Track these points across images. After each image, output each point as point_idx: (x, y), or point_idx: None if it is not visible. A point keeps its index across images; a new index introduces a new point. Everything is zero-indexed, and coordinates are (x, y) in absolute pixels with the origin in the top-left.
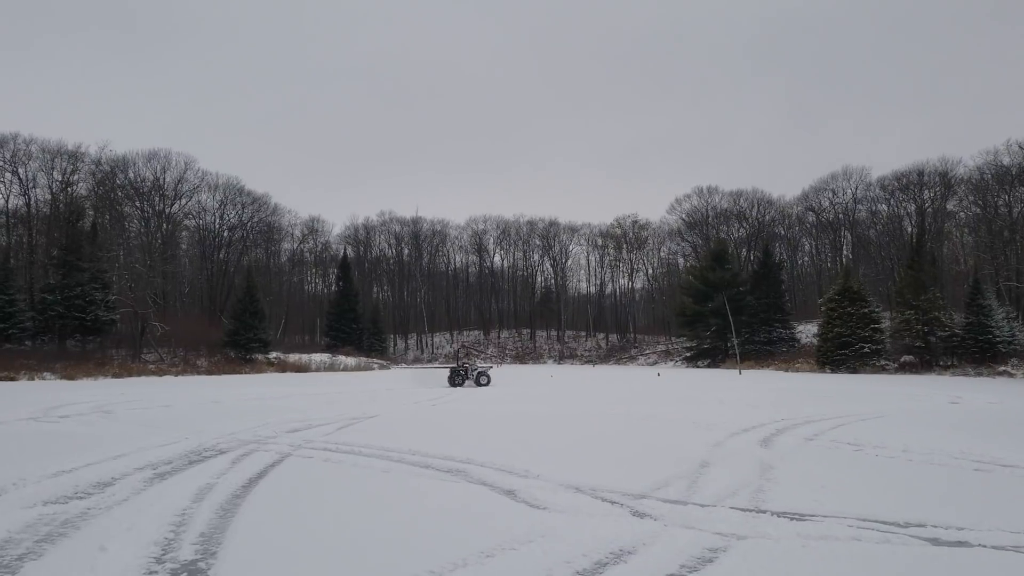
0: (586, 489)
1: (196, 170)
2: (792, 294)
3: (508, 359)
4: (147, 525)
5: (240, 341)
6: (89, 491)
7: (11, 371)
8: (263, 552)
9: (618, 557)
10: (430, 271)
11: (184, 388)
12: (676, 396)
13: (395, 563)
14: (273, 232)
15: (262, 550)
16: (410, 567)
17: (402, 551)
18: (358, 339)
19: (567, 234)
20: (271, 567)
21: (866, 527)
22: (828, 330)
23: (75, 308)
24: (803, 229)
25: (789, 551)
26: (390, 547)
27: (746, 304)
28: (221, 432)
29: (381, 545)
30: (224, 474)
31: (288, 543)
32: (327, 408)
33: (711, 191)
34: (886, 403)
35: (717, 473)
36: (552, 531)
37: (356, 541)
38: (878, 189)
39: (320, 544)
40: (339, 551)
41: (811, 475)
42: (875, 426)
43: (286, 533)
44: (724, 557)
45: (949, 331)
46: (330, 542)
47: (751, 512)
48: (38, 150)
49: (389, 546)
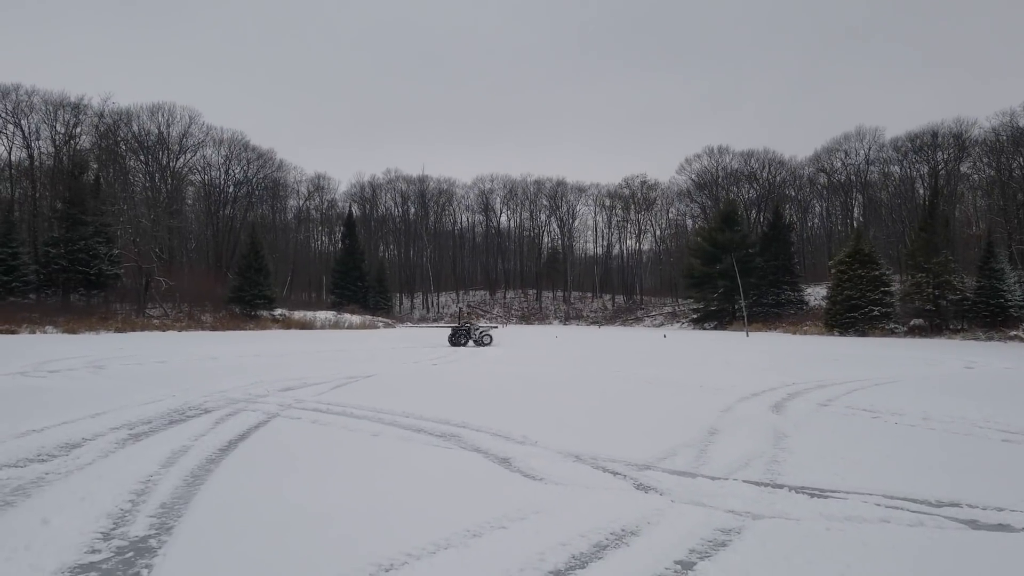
0: (586, 458)
1: (201, 124)
2: (801, 256)
3: (514, 319)
4: (104, 494)
5: (245, 298)
6: (53, 453)
7: (13, 324)
8: (223, 528)
9: (619, 539)
10: (436, 230)
11: (184, 344)
12: (682, 358)
13: (367, 544)
14: (279, 189)
15: (223, 525)
16: (385, 549)
17: (378, 529)
18: (363, 297)
19: (575, 194)
20: (226, 546)
21: (895, 506)
22: (837, 293)
23: (79, 262)
24: (814, 191)
25: (812, 534)
26: (364, 524)
27: (755, 266)
28: (211, 390)
29: (354, 521)
30: (203, 436)
31: (252, 517)
32: (325, 366)
33: (722, 151)
34: (899, 367)
35: (727, 441)
36: (547, 506)
37: (326, 516)
38: (891, 150)
39: (285, 519)
40: (303, 528)
41: (828, 445)
42: (890, 391)
43: (253, 506)
44: (739, 541)
45: (960, 295)
46: (297, 517)
47: (766, 487)
48: (40, 102)
49: (363, 523)
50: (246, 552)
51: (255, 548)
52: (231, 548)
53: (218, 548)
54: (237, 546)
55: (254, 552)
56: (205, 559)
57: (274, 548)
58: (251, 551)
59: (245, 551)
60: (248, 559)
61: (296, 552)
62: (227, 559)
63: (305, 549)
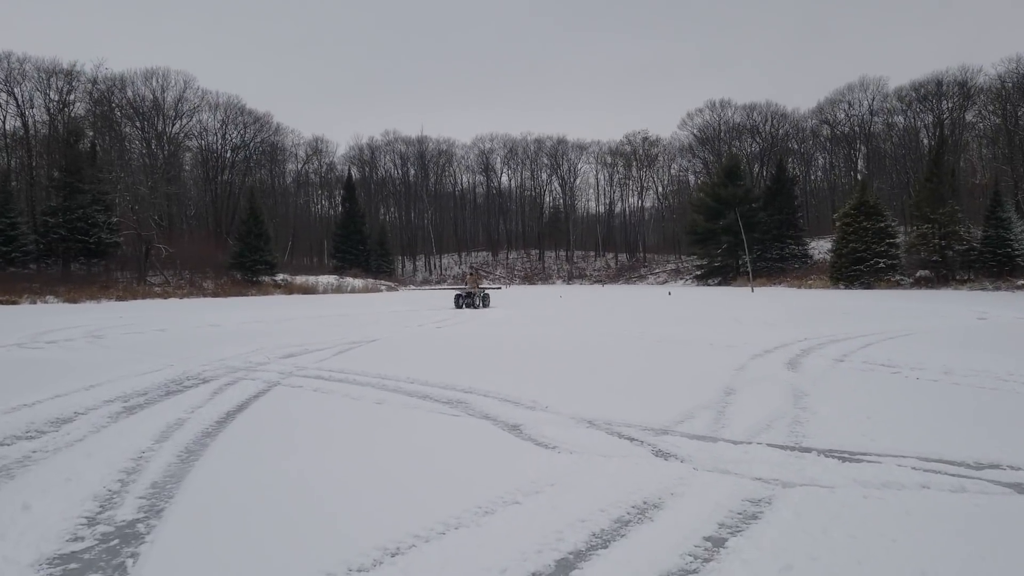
0: (600, 423)
1: (196, 89)
2: (805, 210)
3: (516, 280)
4: (92, 473)
5: (246, 263)
6: (43, 429)
7: (13, 295)
8: (215, 510)
9: (642, 513)
10: (437, 192)
11: (185, 311)
12: (689, 315)
13: (372, 525)
14: (277, 153)
15: (214, 507)
16: (391, 531)
17: (384, 508)
18: (365, 261)
19: (575, 152)
20: (218, 530)
21: (932, 470)
22: (843, 245)
23: (78, 231)
24: (817, 143)
25: (849, 504)
26: (368, 503)
27: (758, 220)
28: (210, 358)
29: (357, 501)
30: (200, 407)
31: (246, 498)
32: (327, 331)
33: (724, 105)
34: (910, 320)
35: (745, 401)
36: (563, 478)
37: (327, 495)
38: (895, 100)
39: (282, 499)
40: (302, 509)
41: (851, 403)
42: (905, 345)
43: (248, 484)
44: (771, 512)
45: (967, 245)
46: (295, 497)
47: (792, 451)
48: (32, 69)
49: (367, 502)
50: (238, 536)
51: (248, 532)
52: (222, 532)
53: (208, 533)
54: (229, 530)
55: (246, 537)
56: (194, 546)
57: (269, 533)
58: (243, 535)
59: (237, 535)
60: (240, 544)
61: (293, 537)
62: (218, 544)
63: (303, 533)
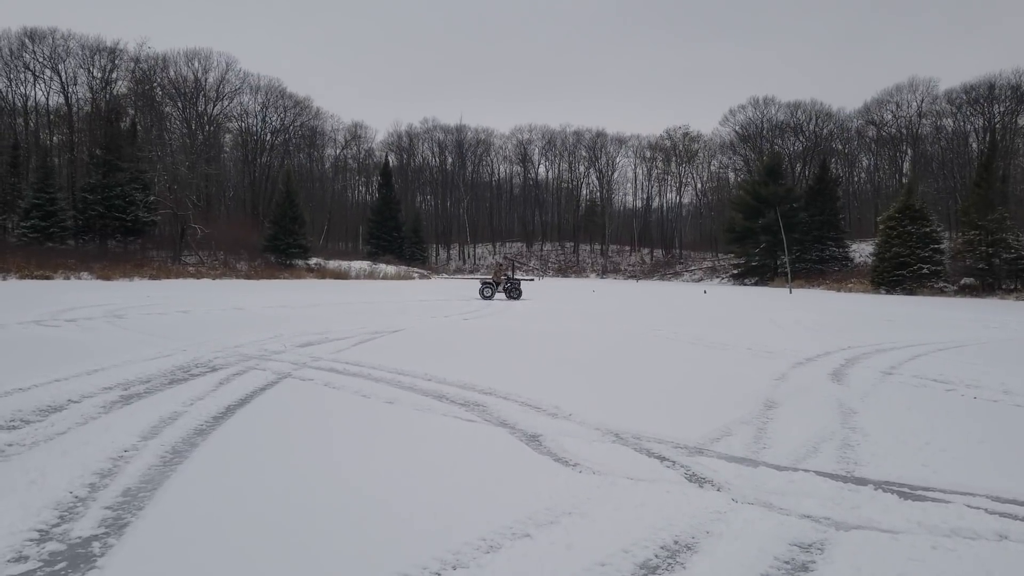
0: (628, 437)
1: (238, 71)
2: (847, 212)
3: (550, 272)
4: (60, 475)
5: (280, 246)
6: (28, 418)
7: (48, 270)
8: (185, 527)
9: (672, 556)
10: (473, 181)
11: (214, 292)
12: (725, 316)
13: (353, 561)
14: (316, 137)
15: (185, 524)
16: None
17: (370, 536)
18: (399, 248)
19: (614, 145)
20: (182, 554)
21: (1009, 514)
22: (886, 249)
23: (115, 208)
24: (862, 144)
25: (916, 556)
26: (354, 529)
27: (799, 221)
28: (225, 344)
29: (343, 529)
30: (200, 400)
31: (223, 513)
32: (352, 319)
33: (767, 102)
34: (958, 330)
35: (788, 417)
36: (583, 505)
37: (308, 521)
38: (944, 103)
39: (260, 519)
40: (277, 537)
41: (905, 424)
42: (957, 358)
43: (228, 496)
44: (824, 563)
45: (1016, 253)
46: (273, 518)
47: (845, 482)
48: (77, 46)
49: (353, 527)
50: (203, 564)
51: (217, 558)
52: (187, 557)
53: (171, 556)
54: (195, 554)
55: (214, 564)
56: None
57: (240, 560)
58: (210, 562)
59: (202, 562)
60: (204, 569)
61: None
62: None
63: (275, 570)
